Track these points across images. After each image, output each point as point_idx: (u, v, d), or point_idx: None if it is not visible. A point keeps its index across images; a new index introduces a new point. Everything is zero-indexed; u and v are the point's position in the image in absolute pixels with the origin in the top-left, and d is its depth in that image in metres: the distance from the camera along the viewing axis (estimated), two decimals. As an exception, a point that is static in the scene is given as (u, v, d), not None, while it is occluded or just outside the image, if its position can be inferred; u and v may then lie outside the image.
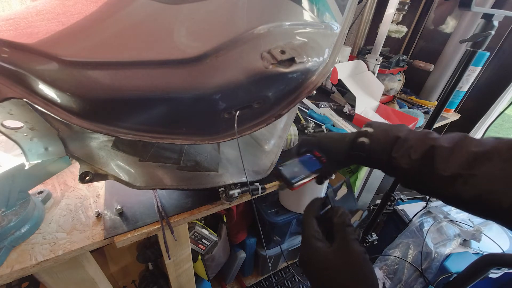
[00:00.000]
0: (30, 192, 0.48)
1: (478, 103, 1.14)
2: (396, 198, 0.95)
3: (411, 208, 1.10)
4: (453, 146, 0.35)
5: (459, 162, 0.33)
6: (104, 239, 0.46)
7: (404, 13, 0.99)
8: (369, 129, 0.42)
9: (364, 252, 0.29)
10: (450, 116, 1.11)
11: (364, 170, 1.14)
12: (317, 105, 1.01)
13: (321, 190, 0.86)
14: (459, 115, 1.13)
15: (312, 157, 0.50)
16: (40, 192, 0.51)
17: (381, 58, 1.00)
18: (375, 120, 0.83)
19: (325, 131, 0.84)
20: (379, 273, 1.01)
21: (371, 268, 0.29)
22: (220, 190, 0.51)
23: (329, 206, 0.38)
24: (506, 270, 0.80)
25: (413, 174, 0.37)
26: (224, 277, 1.20)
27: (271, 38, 0.35)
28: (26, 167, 0.46)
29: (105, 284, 0.62)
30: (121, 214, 0.50)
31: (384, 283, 1.00)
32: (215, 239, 0.83)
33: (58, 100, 0.31)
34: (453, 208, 1.03)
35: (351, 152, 0.43)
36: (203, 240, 0.79)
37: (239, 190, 0.51)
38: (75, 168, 0.61)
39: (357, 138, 0.42)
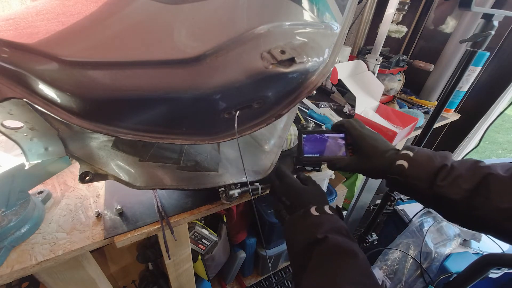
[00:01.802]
0: (30, 192, 0.48)
1: (478, 103, 1.14)
2: (396, 198, 0.95)
3: (411, 208, 1.10)
4: None
5: None
6: (104, 239, 0.46)
7: (404, 13, 0.99)
8: (410, 153, 0.39)
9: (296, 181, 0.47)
10: (450, 116, 1.11)
11: (364, 170, 1.14)
12: (317, 105, 1.01)
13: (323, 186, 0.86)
14: (459, 115, 1.13)
15: (343, 140, 0.49)
16: (40, 192, 0.51)
17: (381, 58, 1.00)
18: (376, 120, 0.83)
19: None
20: (379, 273, 1.01)
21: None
22: (220, 190, 0.51)
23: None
24: (506, 270, 0.80)
25: (464, 206, 0.33)
26: (224, 277, 1.20)
27: (271, 38, 0.35)
28: (26, 167, 0.46)
29: (105, 284, 0.62)
30: (121, 214, 0.50)
31: (384, 283, 1.00)
32: (215, 239, 0.83)
33: (58, 100, 0.31)
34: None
35: (387, 175, 0.40)
36: (203, 240, 0.79)
37: (239, 190, 0.51)
38: (75, 168, 0.61)
39: (395, 160, 0.39)
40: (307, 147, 0.51)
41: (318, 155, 0.49)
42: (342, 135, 0.50)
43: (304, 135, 0.52)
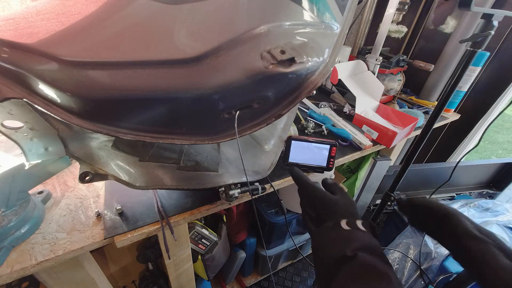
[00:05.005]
0: (30, 192, 0.48)
1: (478, 103, 1.14)
2: (396, 198, 0.95)
3: (411, 208, 1.10)
4: None
5: None
6: (104, 239, 0.46)
7: (404, 13, 0.99)
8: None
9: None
10: (450, 116, 1.11)
11: (364, 170, 1.14)
12: (317, 105, 1.01)
13: None
14: (459, 115, 1.13)
15: (327, 151, 0.52)
16: (40, 192, 0.51)
17: (381, 58, 1.00)
18: (376, 120, 0.83)
19: (325, 131, 0.84)
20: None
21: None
22: (220, 190, 0.51)
23: None
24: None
25: None
26: (224, 277, 1.20)
27: (271, 38, 0.35)
28: (26, 167, 0.46)
29: (105, 284, 0.62)
30: (121, 214, 0.50)
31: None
32: (215, 239, 0.83)
33: (58, 100, 0.31)
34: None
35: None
36: (203, 240, 0.79)
37: (239, 190, 0.51)
38: (75, 168, 0.61)
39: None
40: (293, 154, 0.54)
41: (302, 162, 0.54)
42: (327, 146, 0.53)
43: (293, 141, 0.54)
